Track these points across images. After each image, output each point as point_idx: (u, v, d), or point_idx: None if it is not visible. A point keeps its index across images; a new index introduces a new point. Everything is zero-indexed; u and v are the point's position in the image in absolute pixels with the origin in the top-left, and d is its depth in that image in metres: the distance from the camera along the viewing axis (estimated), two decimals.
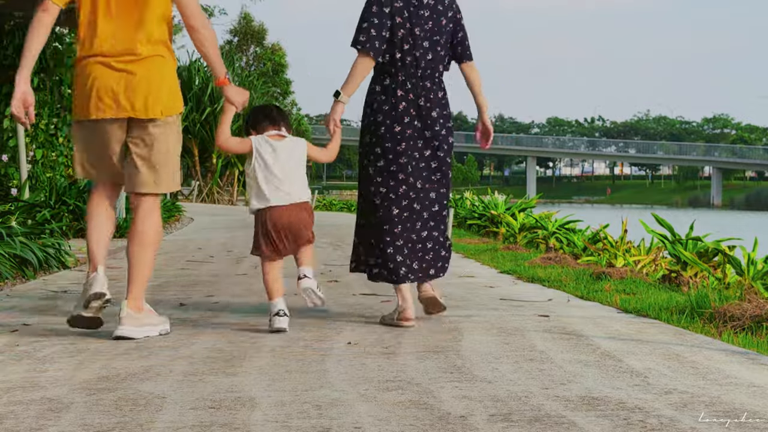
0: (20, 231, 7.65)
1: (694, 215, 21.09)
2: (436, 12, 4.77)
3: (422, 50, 4.72)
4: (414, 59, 4.71)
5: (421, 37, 4.71)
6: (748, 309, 4.90)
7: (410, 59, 4.70)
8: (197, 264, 8.42)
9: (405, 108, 4.70)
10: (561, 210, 16.26)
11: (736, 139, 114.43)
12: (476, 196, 20.07)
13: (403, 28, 4.69)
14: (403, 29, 4.69)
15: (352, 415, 2.88)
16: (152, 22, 4.38)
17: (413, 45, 4.70)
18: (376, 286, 5.94)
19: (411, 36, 4.70)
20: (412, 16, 4.71)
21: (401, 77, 4.71)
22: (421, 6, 4.73)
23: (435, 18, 4.76)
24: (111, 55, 4.36)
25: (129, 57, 4.35)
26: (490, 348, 4.08)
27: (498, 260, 8.90)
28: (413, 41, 4.70)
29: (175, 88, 4.46)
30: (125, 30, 4.36)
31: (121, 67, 4.35)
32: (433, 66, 4.75)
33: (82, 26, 4.45)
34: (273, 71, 44.43)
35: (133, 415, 2.89)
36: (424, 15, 4.73)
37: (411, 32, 4.70)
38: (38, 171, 13.05)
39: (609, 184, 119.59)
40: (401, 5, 4.70)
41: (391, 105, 4.71)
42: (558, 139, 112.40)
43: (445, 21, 4.79)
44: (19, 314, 5.13)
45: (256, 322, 4.82)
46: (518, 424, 2.79)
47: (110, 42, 4.36)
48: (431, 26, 4.75)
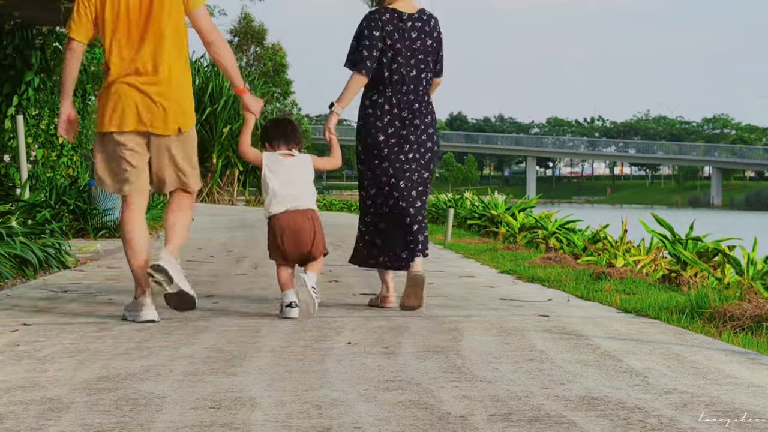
0: (20, 231, 7.65)
1: (694, 215, 21.10)
2: (423, 33, 5.30)
3: (408, 68, 5.27)
4: (401, 77, 5.26)
5: (407, 56, 5.26)
6: (748, 309, 4.90)
7: (397, 77, 5.26)
8: (197, 264, 8.42)
9: (390, 120, 5.27)
10: (561, 210, 16.27)
11: (736, 139, 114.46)
12: (476, 196, 20.08)
13: (393, 49, 5.22)
14: (393, 50, 5.22)
15: (352, 415, 2.89)
16: (169, 43, 4.86)
17: (400, 64, 5.24)
18: (376, 286, 6.11)
19: (399, 56, 5.23)
20: (401, 39, 5.24)
21: (388, 93, 5.27)
22: (409, 29, 5.26)
23: (422, 39, 5.30)
24: (134, 76, 4.84)
25: (150, 78, 4.85)
26: (490, 348, 4.09)
27: (498, 260, 8.90)
28: (401, 61, 5.24)
29: (190, 102, 5.00)
30: (145, 53, 4.84)
31: (144, 87, 4.84)
32: (416, 82, 5.30)
33: (106, 53, 4.88)
34: (273, 71, 44.44)
35: (134, 415, 2.90)
36: (411, 36, 5.26)
37: (399, 53, 5.23)
38: (38, 171, 13.06)
39: (609, 184, 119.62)
40: (391, 29, 5.23)
41: (377, 117, 5.28)
42: (558, 139, 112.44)
43: (430, 41, 5.32)
44: (19, 314, 5.13)
45: (256, 322, 4.83)
46: (518, 424, 2.79)
47: (132, 65, 4.84)
48: (418, 46, 5.28)
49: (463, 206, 17.95)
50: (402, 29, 5.24)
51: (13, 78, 12.37)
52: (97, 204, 11.83)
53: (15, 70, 12.37)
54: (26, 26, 12.41)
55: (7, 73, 12.36)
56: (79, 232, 11.72)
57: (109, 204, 11.85)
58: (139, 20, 4.83)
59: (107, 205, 11.84)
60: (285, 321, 4.87)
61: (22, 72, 12.35)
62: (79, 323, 4.79)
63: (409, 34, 5.25)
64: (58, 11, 10.98)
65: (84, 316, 5.05)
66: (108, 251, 9.71)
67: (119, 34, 4.84)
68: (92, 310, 5.33)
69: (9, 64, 12.35)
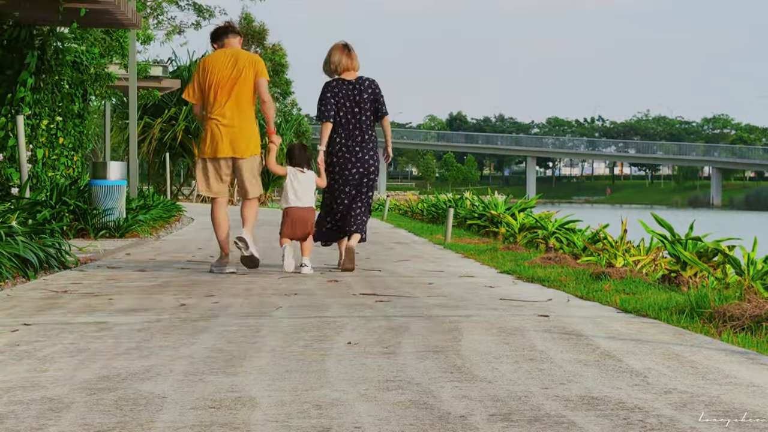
0: (21, 231, 7.65)
1: (693, 215, 21.09)
2: (362, 93, 7.87)
3: (351, 114, 7.84)
4: (347, 121, 7.84)
5: (351, 107, 7.84)
6: (747, 309, 4.90)
7: (344, 121, 7.84)
8: (197, 264, 8.43)
9: (341, 150, 7.84)
10: (561, 210, 16.26)
11: (735, 139, 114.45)
12: (476, 196, 20.08)
13: (343, 106, 7.84)
14: (343, 106, 7.84)
15: (352, 415, 2.89)
16: (244, 102, 7.58)
17: (346, 112, 7.84)
18: (376, 286, 6.21)
19: (344, 107, 7.84)
20: (347, 98, 7.85)
21: (340, 130, 7.85)
22: (352, 92, 7.85)
23: (360, 95, 7.86)
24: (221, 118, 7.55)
25: (231, 120, 7.54)
26: (490, 348, 4.09)
27: (498, 260, 8.90)
28: (347, 110, 7.84)
29: (256, 137, 7.70)
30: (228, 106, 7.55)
31: (227, 126, 7.54)
32: (359, 124, 7.85)
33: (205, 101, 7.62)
34: (273, 71, 44.43)
35: (134, 414, 2.90)
36: (354, 97, 7.85)
37: (345, 106, 7.84)
38: (39, 170, 13.05)
39: (609, 184, 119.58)
40: (340, 93, 7.84)
41: (336, 148, 7.86)
42: (558, 139, 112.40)
43: (367, 96, 7.86)
44: (19, 314, 5.13)
45: (256, 322, 4.83)
46: (518, 423, 2.79)
47: (220, 111, 7.54)
48: (357, 101, 7.85)
49: (463, 206, 17.94)
50: (345, 90, 7.84)
51: (10, 78, 12.36)
52: (97, 204, 11.83)
53: (12, 70, 12.36)
54: (26, 26, 12.41)
55: (4, 73, 12.35)
56: (80, 232, 11.72)
57: (109, 204, 11.86)
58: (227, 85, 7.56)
59: (107, 205, 11.84)
60: (285, 321, 4.88)
61: (19, 72, 12.34)
62: (79, 323, 4.80)
63: (351, 93, 7.83)
64: (57, 11, 10.99)
65: (84, 316, 5.05)
66: (108, 251, 9.71)
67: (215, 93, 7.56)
68: (92, 310, 5.33)
69: (7, 63, 12.34)
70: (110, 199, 11.87)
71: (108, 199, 11.86)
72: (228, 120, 7.48)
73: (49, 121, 13.46)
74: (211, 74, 7.51)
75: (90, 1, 11.02)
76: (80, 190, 12.09)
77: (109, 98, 21.72)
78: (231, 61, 7.56)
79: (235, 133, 7.48)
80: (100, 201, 11.84)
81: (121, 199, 12.14)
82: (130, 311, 5.28)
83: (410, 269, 8.06)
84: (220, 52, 7.64)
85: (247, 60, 7.56)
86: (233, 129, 7.48)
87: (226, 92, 7.48)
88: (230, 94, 7.48)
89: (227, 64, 7.54)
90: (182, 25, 30.18)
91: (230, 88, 7.48)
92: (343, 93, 7.80)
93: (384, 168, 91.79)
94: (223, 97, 7.47)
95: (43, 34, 13.04)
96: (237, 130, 7.48)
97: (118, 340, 4.27)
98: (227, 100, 7.48)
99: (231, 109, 7.48)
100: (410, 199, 30.69)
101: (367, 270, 7.82)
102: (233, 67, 7.53)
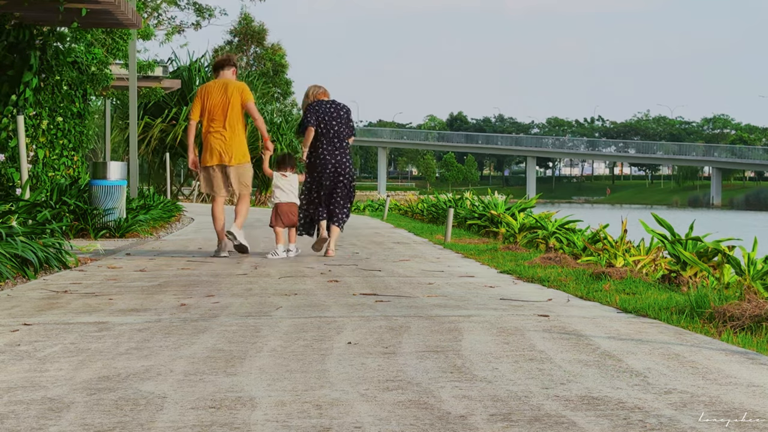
0: (21, 231, 7.65)
1: (693, 215, 21.08)
2: (339, 110, 9.64)
3: (330, 126, 9.58)
4: (327, 131, 9.57)
5: (329, 120, 9.58)
6: (747, 309, 4.90)
7: (325, 131, 9.56)
8: (197, 264, 8.43)
9: (322, 157, 9.57)
10: (561, 210, 16.26)
11: (735, 139, 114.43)
12: (476, 196, 20.07)
13: (323, 120, 9.57)
14: (323, 121, 9.58)
15: (352, 415, 2.89)
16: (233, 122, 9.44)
17: (325, 126, 9.57)
18: (376, 286, 6.22)
19: (324, 122, 9.57)
20: (326, 113, 9.59)
21: (323, 141, 9.58)
22: (330, 108, 9.62)
23: (339, 113, 9.63)
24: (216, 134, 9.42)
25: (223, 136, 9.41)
26: (490, 348, 4.09)
27: (498, 260, 8.90)
28: (326, 124, 9.57)
29: (245, 147, 9.58)
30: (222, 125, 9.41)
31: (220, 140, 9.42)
32: (337, 136, 9.60)
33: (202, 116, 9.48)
34: (273, 71, 44.44)
35: (134, 414, 2.90)
36: (332, 113, 9.61)
37: (324, 120, 9.57)
38: (39, 171, 13.05)
39: (609, 184, 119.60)
40: (321, 109, 9.59)
41: (317, 155, 9.60)
42: (558, 140, 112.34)
43: (343, 113, 9.66)
44: (19, 314, 5.13)
45: (256, 322, 4.83)
46: (518, 423, 2.79)
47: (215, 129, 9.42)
48: (335, 116, 9.60)
49: (463, 206, 17.94)
50: (325, 107, 9.61)
51: (12, 78, 12.36)
52: (97, 204, 11.83)
53: (14, 71, 12.36)
54: (26, 26, 12.40)
55: (6, 73, 12.35)
56: (80, 232, 11.72)
57: (109, 204, 11.86)
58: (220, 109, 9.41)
59: (107, 205, 11.84)
60: (285, 321, 4.89)
61: (21, 72, 12.34)
62: (79, 323, 4.80)
63: (329, 110, 9.61)
64: (57, 12, 10.99)
65: (84, 316, 5.05)
66: (108, 251, 9.71)
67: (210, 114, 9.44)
68: (92, 310, 5.33)
69: (8, 63, 12.34)
70: (110, 199, 11.87)
71: (108, 199, 11.86)
72: (221, 136, 9.40)
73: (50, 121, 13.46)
74: (208, 100, 9.44)
75: (90, 2, 11.03)
76: (80, 190, 12.09)
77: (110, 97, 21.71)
78: (222, 89, 9.44)
79: (226, 146, 9.42)
80: (100, 201, 11.84)
81: (122, 199, 12.14)
82: (130, 311, 5.28)
83: (410, 269, 8.06)
84: (215, 82, 9.54)
85: (234, 88, 9.45)
86: (225, 143, 9.41)
87: (220, 114, 9.39)
88: (223, 116, 9.39)
89: (219, 92, 9.44)
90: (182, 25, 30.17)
91: (223, 112, 9.39)
92: (323, 109, 9.61)
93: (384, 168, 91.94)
94: (218, 118, 9.40)
95: (44, 35, 13.04)
96: (228, 143, 9.41)
97: (119, 340, 4.27)
98: (221, 120, 9.40)
99: (224, 127, 9.41)
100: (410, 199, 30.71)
101: (367, 270, 7.82)
102: (224, 94, 9.43)
